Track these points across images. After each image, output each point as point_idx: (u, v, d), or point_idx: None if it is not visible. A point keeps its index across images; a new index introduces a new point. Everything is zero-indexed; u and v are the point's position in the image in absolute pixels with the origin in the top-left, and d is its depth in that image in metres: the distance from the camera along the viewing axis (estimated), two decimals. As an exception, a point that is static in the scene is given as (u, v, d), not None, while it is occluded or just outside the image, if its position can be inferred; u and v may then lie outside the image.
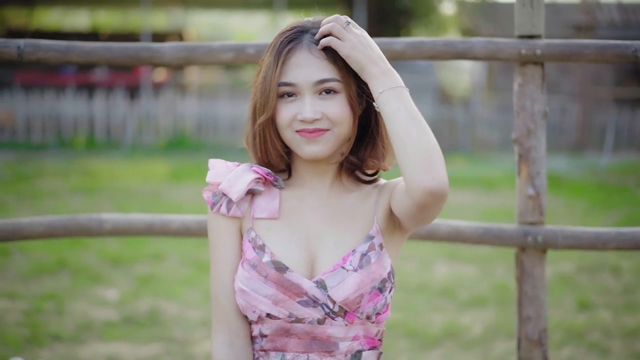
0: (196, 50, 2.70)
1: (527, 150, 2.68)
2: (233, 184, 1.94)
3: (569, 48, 2.62)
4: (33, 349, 4.94)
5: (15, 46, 2.65)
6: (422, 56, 2.64)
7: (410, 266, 7.21)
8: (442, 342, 5.26)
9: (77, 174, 12.44)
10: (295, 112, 1.89)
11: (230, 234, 1.97)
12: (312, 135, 1.89)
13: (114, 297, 6.08)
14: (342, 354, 1.93)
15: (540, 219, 2.74)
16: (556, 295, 6.28)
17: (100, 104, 16.84)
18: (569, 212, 9.98)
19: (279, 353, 1.94)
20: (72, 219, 2.87)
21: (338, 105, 1.90)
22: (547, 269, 6.94)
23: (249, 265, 1.92)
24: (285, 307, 1.90)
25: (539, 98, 2.66)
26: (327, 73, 1.89)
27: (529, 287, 2.73)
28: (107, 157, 14.64)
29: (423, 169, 1.78)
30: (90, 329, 5.35)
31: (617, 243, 2.70)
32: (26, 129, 16.63)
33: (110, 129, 16.85)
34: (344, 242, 1.94)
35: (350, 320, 1.91)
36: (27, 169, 12.84)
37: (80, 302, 5.95)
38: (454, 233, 2.78)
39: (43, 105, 16.76)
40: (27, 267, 6.85)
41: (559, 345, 5.17)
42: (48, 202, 9.67)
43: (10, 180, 11.61)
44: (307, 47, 1.90)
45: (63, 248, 7.43)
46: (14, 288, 6.22)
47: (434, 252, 7.60)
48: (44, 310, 5.71)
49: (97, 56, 2.66)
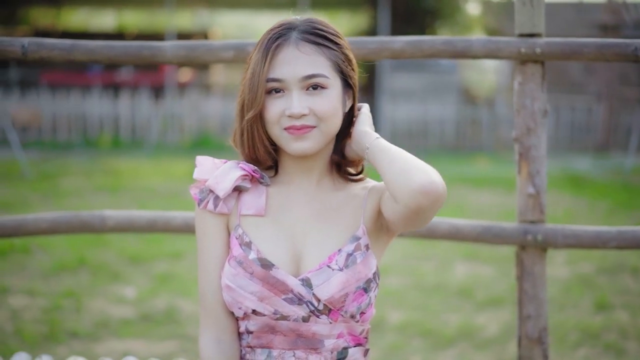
0: (196, 48, 2.73)
1: (527, 148, 2.68)
2: (220, 181, 1.96)
3: (568, 46, 2.62)
4: (50, 345, 4.99)
5: (20, 44, 2.68)
6: (421, 55, 2.64)
7: (429, 266, 7.20)
8: (457, 342, 5.25)
9: (101, 173, 12.53)
10: (284, 108, 1.91)
11: (217, 230, 1.98)
12: (299, 132, 1.90)
13: (132, 294, 6.13)
14: (328, 351, 1.95)
15: (541, 217, 2.74)
16: (574, 296, 6.25)
17: (126, 104, 16.96)
18: (591, 213, 9.91)
19: (265, 350, 1.95)
20: (75, 215, 2.90)
21: (325, 101, 1.91)
22: (566, 270, 6.98)
23: (235, 262, 1.93)
24: (270, 303, 1.91)
25: (539, 97, 2.65)
26: (314, 69, 1.90)
27: (529, 285, 2.73)
28: (131, 156, 14.73)
29: (410, 175, 1.81)
30: (107, 326, 5.40)
31: (618, 242, 2.69)
32: (52, 128, 16.78)
33: (135, 129, 16.97)
34: (330, 240, 1.95)
35: (335, 318, 1.93)
36: (52, 168, 12.95)
37: (98, 299, 6.00)
38: (453, 231, 2.79)
39: (69, 104, 16.90)
40: (48, 264, 6.92)
41: (575, 345, 5.15)
42: (71, 201, 9.74)
43: (35, 178, 11.72)
44: (295, 43, 1.92)
45: (84, 246, 7.49)
46: (34, 285, 6.28)
47: (454, 252, 7.58)
48: (63, 308, 5.76)
49: (99, 54, 2.69)
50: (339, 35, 1.97)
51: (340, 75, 1.94)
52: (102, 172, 12.70)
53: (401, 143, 13.63)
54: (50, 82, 19.05)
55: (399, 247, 7.83)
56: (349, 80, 1.96)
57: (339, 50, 1.95)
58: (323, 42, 1.92)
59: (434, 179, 1.79)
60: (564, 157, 15.62)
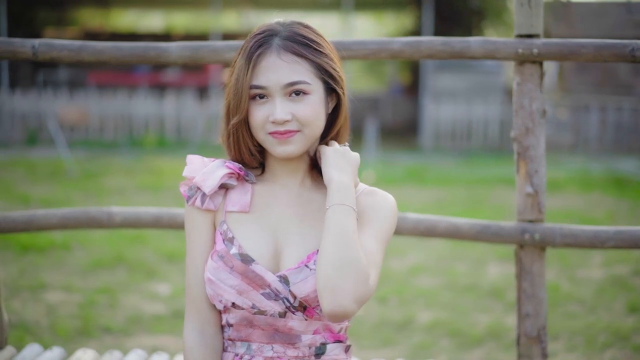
0: (200, 49, 2.78)
1: (525, 148, 2.69)
2: (206, 179, 2.04)
3: (566, 47, 2.62)
4: (82, 339, 5.10)
5: (30, 45, 2.77)
6: (420, 55, 2.67)
7: (462, 267, 7.20)
8: (484, 342, 5.25)
9: (145, 172, 12.70)
10: (267, 114, 1.97)
11: (204, 226, 2.05)
12: (283, 136, 1.96)
13: (166, 291, 6.23)
14: (305, 346, 2.00)
15: (540, 216, 2.75)
16: (607, 298, 6.21)
17: (171, 104, 17.16)
18: (632, 215, 9.81)
19: (244, 343, 2.02)
20: (84, 211, 2.99)
21: (307, 106, 1.96)
22: (601, 272, 6.91)
23: (217, 256, 2.00)
24: (248, 297, 1.97)
25: (538, 97, 2.66)
26: (295, 76, 1.95)
27: (528, 284, 2.74)
28: (175, 155, 14.90)
29: (327, 292, 1.81)
30: (139, 322, 5.50)
31: (616, 242, 2.69)
32: (99, 127, 17.05)
33: (180, 128, 17.17)
34: (310, 240, 1.99)
35: (310, 316, 1.98)
36: (97, 167, 13.17)
37: (132, 296, 6.11)
38: (452, 229, 2.81)
39: (116, 104, 17.16)
40: (86, 261, 7.06)
41: (603, 347, 5.12)
42: (113, 199, 9.90)
43: (79, 177, 11.93)
44: (277, 51, 1.97)
45: (123, 243, 7.63)
46: (71, 281, 6.42)
47: (487, 253, 7.57)
48: (97, 303, 5.88)
49: (107, 55, 2.76)
50: (320, 40, 2.01)
51: (321, 79, 1.99)
52: (145, 171, 12.88)
53: (444, 144, 13.68)
54: (97, 82, 19.37)
55: (433, 248, 7.84)
56: (331, 82, 2.00)
57: (320, 55, 1.98)
58: (304, 49, 1.97)
59: (345, 306, 1.80)
60: (609, 159, 15.45)
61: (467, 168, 14.17)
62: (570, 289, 6.45)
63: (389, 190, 2.20)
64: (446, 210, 9.21)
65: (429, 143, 16.97)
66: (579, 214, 9.54)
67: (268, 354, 2.00)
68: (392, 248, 7.75)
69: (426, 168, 13.96)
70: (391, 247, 7.78)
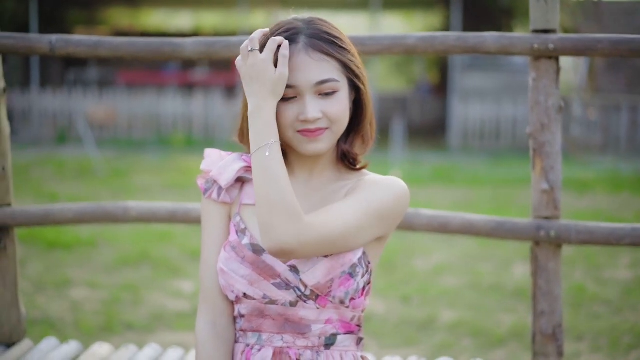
0: (215, 44, 2.79)
1: (541, 145, 2.67)
2: (223, 172, 2.05)
3: (582, 42, 2.60)
4: (105, 335, 5.13)
5: (47, 41, 2.80)
6: (434, 50, 2.65)
7: (487, 267, 7.16)
8: (507, 342, 5.22)
9: (172, 171, 12.77)
10: (298, 113, 1.96)
11: (219, 218, 2.07)
12: (314, 134, 1.96)
13: (189, 289, 6.25)
14: (315, 336, 2.00)
15: (555, 213, 2.73)
16: (633, 299, 6.16)
17: (199, 103, 17.24)
18: (661, 215, 9.71)
19: (255, 333, 2.03)
20: (99, 206, 3.01)
21: (337, 104, 1.96)
22: (629, 273, 6.84)
23: (230, 247, 2.02)
24: (260, 287, 1.99)
25: (553, 93, 2.64)
26: (325, 74, 1.95)
27: (543, 281, 2.72)
28: (203, 154, 14.95)
29: (262, 228, 1.87)
30: (161, 319, 5.53)
31: (632, 239, 2.66)
32: (128, 126, 17.17)
33: (208, 127, 17.24)
34: None
35: (323, 304, 1.98)
36: (125, 165, 13.26)
37: (156, 293, 6.14)
38: (467, 225, 2.79)
39: (144, 103, 17.27)
40: (111, 258, 7.11)
41: (628, 348, 5.07)
42: (139, 197, 9.94)
43: (107, 176, 12.01)
44: (305, 49, 1.96)
45: (148, 241, 7.67)
46: (96, 278, 6.47)
47: (513, 252, 7.52)
48: (121, 300, 5.92)
49: (123, 51, 2.78)
50: (342, 36, 2.02)
51: (347, 76, 1.99)
52: (173, 170, 12.94)
53: (472, 144, 13.62)
54: (126, 81, 19.50)
55: (458, 247, 7.81)
56: (354, 79, 2.00)
57: (344, 52, 1.99)
58: (330, 47, 1.97)
59: (282, 241, 1.85)
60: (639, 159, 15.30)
61: (495, 168, 14.10)
62: (596, 289, 6.40)
63: (416, 190, 2.19)
64: (473, 210, 9.16)
65: (457, 143, 16.90)
66: (607, 215, 9.45)
67: (278, 344, 2.01)
68: (416, 247, 7.73)
69: (454, 168, 13.91)
70: (415, 246, 7.77)
